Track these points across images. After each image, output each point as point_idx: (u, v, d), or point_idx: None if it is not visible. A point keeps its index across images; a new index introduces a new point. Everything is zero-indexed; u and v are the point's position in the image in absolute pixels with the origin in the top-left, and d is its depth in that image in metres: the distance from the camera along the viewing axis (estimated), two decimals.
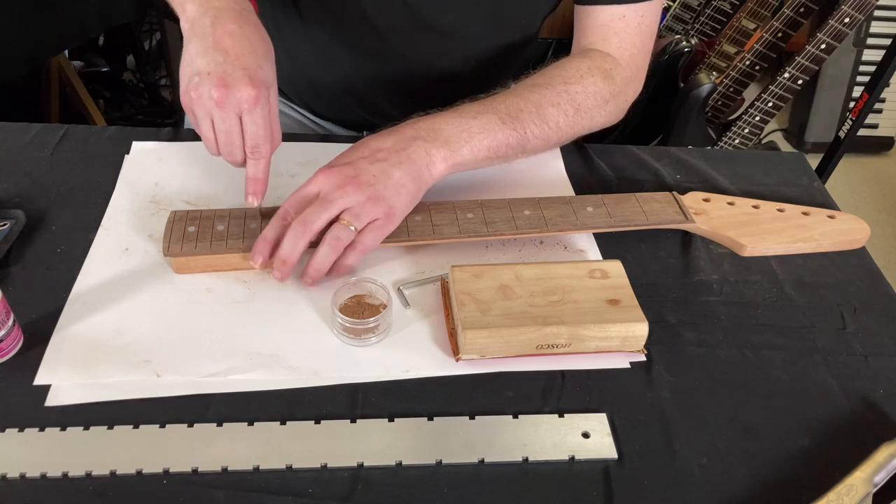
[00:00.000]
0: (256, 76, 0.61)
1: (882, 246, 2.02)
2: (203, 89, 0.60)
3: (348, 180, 0.63)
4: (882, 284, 0.72)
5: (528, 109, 0.72)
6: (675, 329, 0.65)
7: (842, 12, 1.43)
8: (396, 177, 0.65)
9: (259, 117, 0.62)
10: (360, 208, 0.63)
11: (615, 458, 0.54)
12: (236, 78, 0.60)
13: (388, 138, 0.67)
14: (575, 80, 0.76)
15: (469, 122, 0.70)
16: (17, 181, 0.75)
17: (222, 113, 0.61)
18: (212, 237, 0.65)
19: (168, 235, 0.65)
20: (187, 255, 0.64)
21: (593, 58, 0.78)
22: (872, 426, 0.58)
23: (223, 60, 0.61)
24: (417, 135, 0.68)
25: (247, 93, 0.60)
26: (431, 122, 0.70)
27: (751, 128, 1.65)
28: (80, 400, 0.55)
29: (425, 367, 0.60)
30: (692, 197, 0.76)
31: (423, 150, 0.67)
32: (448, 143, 0.68)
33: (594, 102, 0.77)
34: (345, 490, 0.51)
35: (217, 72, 0.60)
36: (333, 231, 0.62)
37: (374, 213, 0.63)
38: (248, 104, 0.61)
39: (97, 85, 2.01)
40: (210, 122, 0.62)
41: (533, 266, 0.64)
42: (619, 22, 0.79)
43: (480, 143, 0.70)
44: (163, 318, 0.62)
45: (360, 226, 0.63)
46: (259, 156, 0.64)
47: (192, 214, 0.67)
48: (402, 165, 0.65)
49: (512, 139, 0.72)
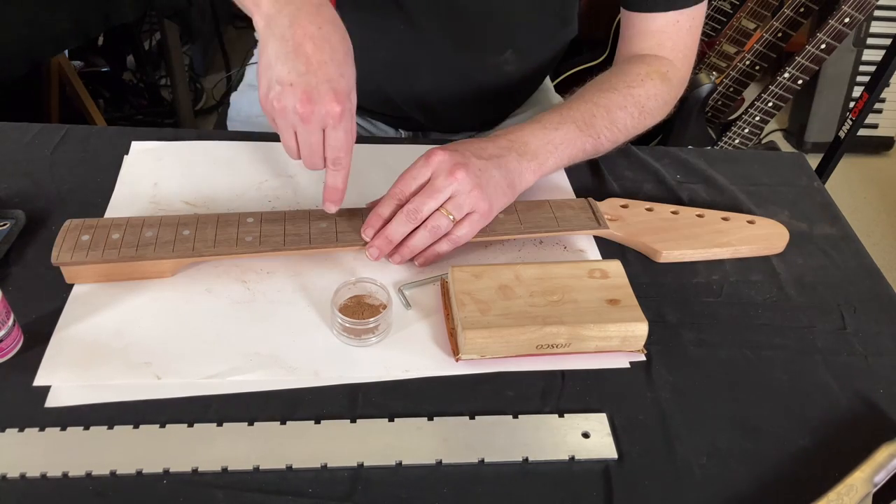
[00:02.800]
0: (340, 88, 0.60)
1: (882, 246, 2.02)
2: (287, 102, 0.59)
3: (458, 167, 0.64)
4: (882, 284, 0.72)
5: (600, 115, 0.76)
6: (675, 329, 0.65)
7: (842, 12, 1.44)
8: (497, 177, 0.67)
9: (342, 132, 0.62)
10: (463, 198, 0.65)
11: (615, 458, 0.54)
12: (321, 93, 0.59)
13: (488, 143, 0.70)
14: (637, 84, 0.79)
15: (552, 133, 0.73)
16: (17, 181, 0.75)
17: (308, 128, 0.61)
18: (105, 246, 0.63)
19: (59, 244, 0.63)
20: (77, 263, 0.62)
21: (650, 62, 0.82)
22: (872, 426, 0.58)
23: (305, 71, 0.59)
24: (512, 146, 0.70)
25: (332, 109, 0.59)
26: (520, 134, 0.72)
27: (751, 128, 1.65)
28: (80, 401, 0.55)
29: (425, 367, 0.60)
30: (610, 203, 0.76)
31: (516, 161, 0.70)
32: (537, 156, 0.71)
33: (655, 104, 0.80)
34: (345, 490, 0.51)
35: (300, 84, 0.59)
36: (434, 220, 0.65)
37: (474, 205, 0.65)
38: (333, 120, 0.60)
39: (97, 85, 2.01)
40: (293, 132, 0.62)
41: (532, 266, 0.64)
42: (674, 27, 0.82)
43: (563, 153, 0.73)
44: (163, 319, 0.62)
45: (459, 216, 0.65)
46: (340, 167, 0.64)
47: (88, 223, 0.65)
48: (500, 169, 0.68)
49: (588, 145, 0.75)
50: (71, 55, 1.87)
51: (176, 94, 1.90)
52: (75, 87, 1.69)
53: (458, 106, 0.94)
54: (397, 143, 0.88)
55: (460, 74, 0.90)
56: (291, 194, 0.76)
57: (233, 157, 0.80)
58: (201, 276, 0.66)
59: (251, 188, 0.77)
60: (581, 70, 1.75)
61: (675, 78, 0.83)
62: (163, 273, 0.65)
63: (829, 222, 0.80)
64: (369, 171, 0.79)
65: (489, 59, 0.90)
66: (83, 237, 0.64)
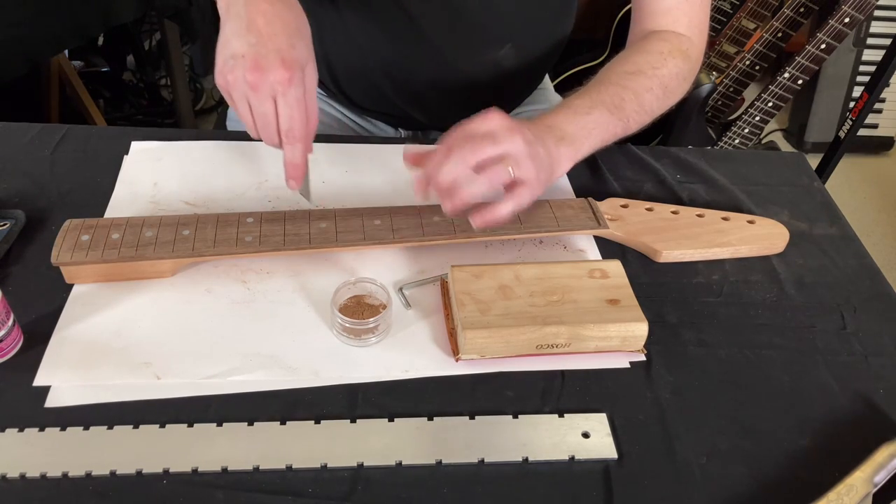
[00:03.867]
0: (289, 56, 0.61)
1: (882, 246, 2.02)
2: (238, 72, 0.60)
3: (517, 130, 0.62)
4: (882, 284, 0.72)
5: (629, 98, 0.75)
6: (675, 329, 0.65)
7: (842, 12, 1.43)
8: (543, 155, 0.65)
9: (292, 99, 0.61)
10: (521, 159, 0.62)
11: (615, 458, 0.54)
12: (269, 60, 0.60)
13: (531, 125, 0.68)
14: (660, 64, 0.79)
15: (584, 118, 0.72)
16: (17, 181, 0.75)
17: (257, 96, 0.61)
18: (105, 246, 0.63)
19: (59, 244, 0.63)
20: (77, 263, 0.62)
21: (669, 39, 0.82)
22: (872, 426, 0.58)
23: (256, 41, 0.60)
24: (550, 132, 0.69)
25: (279, 75, 0.60)
26: (556, 119, 0.71)
27: (751, 128, 1.65)
28: (80, 401, 0.55)
29: (425, 367, 0.60)
30: (610, 203, 0.76)
31: (555, 147, 0.68)
32: (573, 143, 0.70)
33: (677, 82, 0.80)
34: (345, 490, 0.51)
35: (250, 54, 0.60)
36: (493, 170, 0.61)
37: (528, 173, 0.62)
38: (281, 87, 0.60)
39: (97, 85, 2.01)
40: (247, 105, 0.62)
41: (532, 266, 0.64)
42: (686, 3, 0.82)
43: (596, 138, 0.72)
44: (163, 320, 0.62)
45: (519, 175, 0.62)
46: (293, 139, 0.63)
47: (87, 223, 0.66)
48: (545, 149, 0.66)
49: (619, 129, 0.74)
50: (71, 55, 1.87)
51: (176, 94, 1.90)
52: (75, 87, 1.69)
53: (457, 103, 0.94)
54: (397, 143, 0.88)
55: (459, 70, 0.90)
56: (291, 194, 0.76)
57: (233, 157, 0.80)
58: (201, 276, 0.66)
59: (251, 188, 0.76)
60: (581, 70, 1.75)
61: (693, 54, 0.83)
62: (163, 273, 0.65)
63: (829, 222, 0.80)
64: (369, 171, 0.79)
65: (488, 55, 0.90)
66: (83, 237, 0.64)
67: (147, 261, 0.63)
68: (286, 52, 0.61)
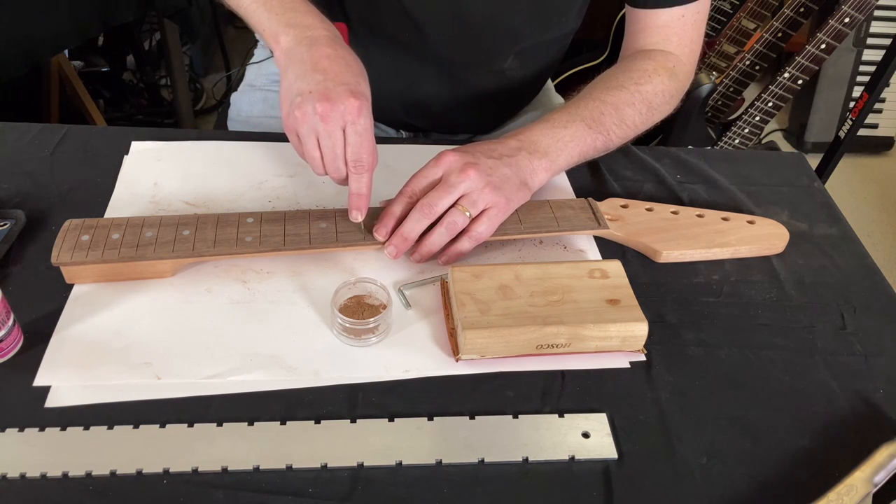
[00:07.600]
0: (357, 89, 0.63)
1: (882, 246, 2.02)
2: (307, 106, 0.62)
3: (470, 165, 0.66)
4: (882, 284, 0.72)
5: (608, 112, 0.76)
6: (675, 329, 0.65)
7: (842, 12, 1.43)
8: (508, 175, 0.68)
9: (362, 128, 0.63)
10: (477, 194, 0.65)
11: (615, 458, 0.54)
12: (338, 92, 0.62)
13: (497, 145, 0.70)
14: (645, 80, 0.79)
15: (561, 132, 0.73)
16: (17, 181, 0.75)
17: (328, 126, 0.62)
18: (105, 246, 0.63)
19: (59, 244, 0.63)
20: (77, 263, 0.62)
21: (656, 58, 0.82)
22: (872, 426, 0.58)
23: (323, 79, 0.63)
24: (521, 146, 0.71)
25: (350, 104, 0.62)
26: (529, 133, 0.73)
27: (751, 128, 1.65)
28: (80, 401, 0.55)
29: (425, 367, 0.60)
30: (610, 203, 0.76)
31: (527, 160, 0.70)
32: (548, 154, 0.72)
33: (662, 100, 0.81)
34: (345, 490, 0.51)
35: (318, 89, 0.62)
36: (450, 216, 0.65)
37: (490, 201, 0.66)
38: (351, 115, 0.62)
39: (97, 85, 2.01)
40: (315, 139, 0.63)
41: (532, 266, 0.64)
42: (679, 22, 0.82)
43: (573, 150, 0.74)
44: (163, 320, 0.62)
45: (475, 212, 0.66)
46: (361, 169, 0.64)
47: (88, 223, 0.65)
48: (511, 168, 0.68)
49: (598, 142, 0.76)
50: (71, 55, 1.87)
51: (176, 94, 1.90)
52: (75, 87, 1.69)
53: (461, 111, 0.94)
54: (398, 143, 0.88)
55: (464, 81, 0.90)
56: (291, 194, 0.76)
57: (233, 157, 0.80)
58: (201, 276, 0.66)
59: (251, 188, 0.77)
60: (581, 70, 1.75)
61: (681, 73, 0.83)
62: (163, 273, 0.65)
63: (829, 222, 0.80)
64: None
65: (493, 66, 0.90)
66: (83, 237, 0.64)
67: (147, 261, 0.63)
68: (353, 86, 0.63)
